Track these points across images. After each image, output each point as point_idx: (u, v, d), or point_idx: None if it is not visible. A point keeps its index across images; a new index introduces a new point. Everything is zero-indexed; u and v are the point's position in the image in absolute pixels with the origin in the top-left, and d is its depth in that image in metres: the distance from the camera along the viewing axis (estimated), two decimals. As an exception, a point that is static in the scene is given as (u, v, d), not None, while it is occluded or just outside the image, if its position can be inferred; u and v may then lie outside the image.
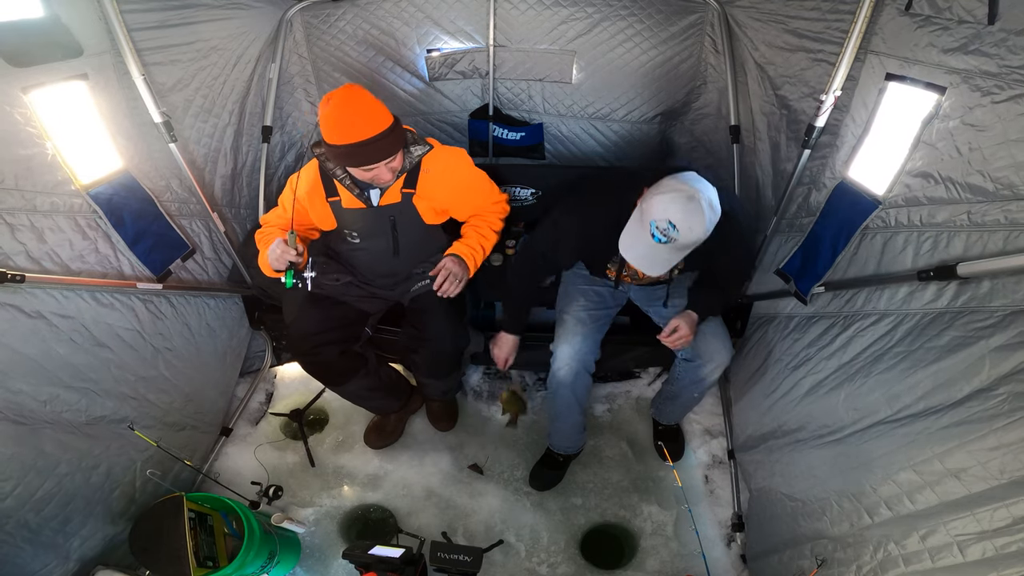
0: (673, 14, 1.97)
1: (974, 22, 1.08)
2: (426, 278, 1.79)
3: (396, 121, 1.46)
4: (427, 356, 1.81)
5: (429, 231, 1.75)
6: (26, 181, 1.34)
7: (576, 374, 1.71)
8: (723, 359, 1.70)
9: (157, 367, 1.75)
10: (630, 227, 1.36)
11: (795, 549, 1.47)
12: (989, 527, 0.95)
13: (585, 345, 1.70)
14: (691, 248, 1.31)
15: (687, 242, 1.26)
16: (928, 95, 1.21)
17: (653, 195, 1.28)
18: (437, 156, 1.63)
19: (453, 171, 1.66)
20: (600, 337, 1.77)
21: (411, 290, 1.80)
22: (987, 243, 1.11)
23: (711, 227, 1.27)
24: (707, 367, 1.71)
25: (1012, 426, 0.96)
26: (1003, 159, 1.06)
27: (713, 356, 1.69)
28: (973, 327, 1.10)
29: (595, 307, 1.78)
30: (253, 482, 1.92)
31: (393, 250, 1.72)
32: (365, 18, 2.05)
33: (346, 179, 1.58)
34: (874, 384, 1.31)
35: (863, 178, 1.44)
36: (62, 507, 1.42)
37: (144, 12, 1.53)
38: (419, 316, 1.76)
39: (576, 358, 1.70)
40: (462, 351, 1.84)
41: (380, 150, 1.42)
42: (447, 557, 1.25)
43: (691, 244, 1.28)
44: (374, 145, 1.40)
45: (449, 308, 1.73)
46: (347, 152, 1.41)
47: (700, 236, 1.26)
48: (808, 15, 1.58)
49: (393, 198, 1.62)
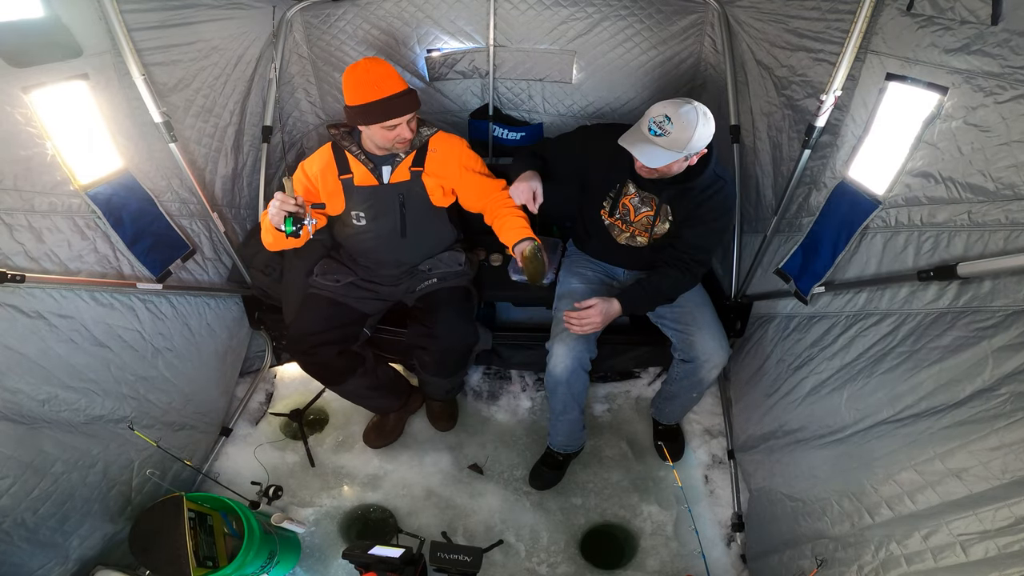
0: (673, 14, 1.97)
1: (977, 22, 1.07)
2: (434, 277, 1.81)
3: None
4: (437, 353, 1.81)
5: (436, 215, 1.80)
6: (25, 181, 1.34)
7: (572, 372, 1.72)
8: (720, 359, 1.70)
9: (157, 367, 1.75)
10: (631, 130, 1.48)
11: (795, 549, 1.47)
12: (992, 527, 0.95)
13: (579, 343, 1.71)
14: (683, 149, 1.39)
15: (680, 138, 1.37)
16: (930, 95, 1.21)
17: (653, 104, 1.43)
18: (442, 137, 1.76)
19: (459, 149, 1.76)
20: (596, 335, 1.77)
21: (418, 288, 1.82)
22: (987, 243, 1.11)
23: (703, 135, 1.39)
24: (704, 368, 1.71)
25: (1014, 426, 0.96)
26: (1005, 159, 1.06)
27: (710, 356, 1.70)
28: (975, 327, 1.10)
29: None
30: (253, 482, 1.92)
31: (401, 231, 1.74)
32: (365, 18, 2.06)
33: (361, 154, 1.67)
34: (876, 384, 1.31)
35: (863, 178, 1.44)
36: (59, 506, 1.42)
37: (144, 12, 1.53)
38: (428, 314, 1.78)
39: (570, 355, 1.70)
40: (471, 348, 1.85)
41: (406, 104, 1.54)
42: (447, 557, 1.24)
43: (684, 143, 1.38)
44: (401, 99, 1.53)
45: (459, 305, 1.78)
46: (375, 107, 1.51)
47: (691, 136, 1.37)
48: (808, 15, 1.58)
49: (402, 176, 1.70)
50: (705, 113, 1.40)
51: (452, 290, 1.82)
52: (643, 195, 1.68)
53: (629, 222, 1.73)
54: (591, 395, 2.28)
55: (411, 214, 1.73)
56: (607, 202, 1.74)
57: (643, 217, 1.71)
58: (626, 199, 1.71)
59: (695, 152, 1.46)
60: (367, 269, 1.87)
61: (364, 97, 1.50)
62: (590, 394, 2.28)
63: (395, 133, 1.58)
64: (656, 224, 1.69)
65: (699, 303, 1.79)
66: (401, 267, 1.86)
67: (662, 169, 1.48)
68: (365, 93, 1.50)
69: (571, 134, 1.81)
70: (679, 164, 1.50)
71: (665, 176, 1.55)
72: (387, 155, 1.69)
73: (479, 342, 1.89)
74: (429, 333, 1.76)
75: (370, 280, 1.86)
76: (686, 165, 1.53)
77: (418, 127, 1.69)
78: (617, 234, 1.77)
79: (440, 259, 1.86)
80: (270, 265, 2.04)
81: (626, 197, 1.70)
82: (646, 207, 1.69)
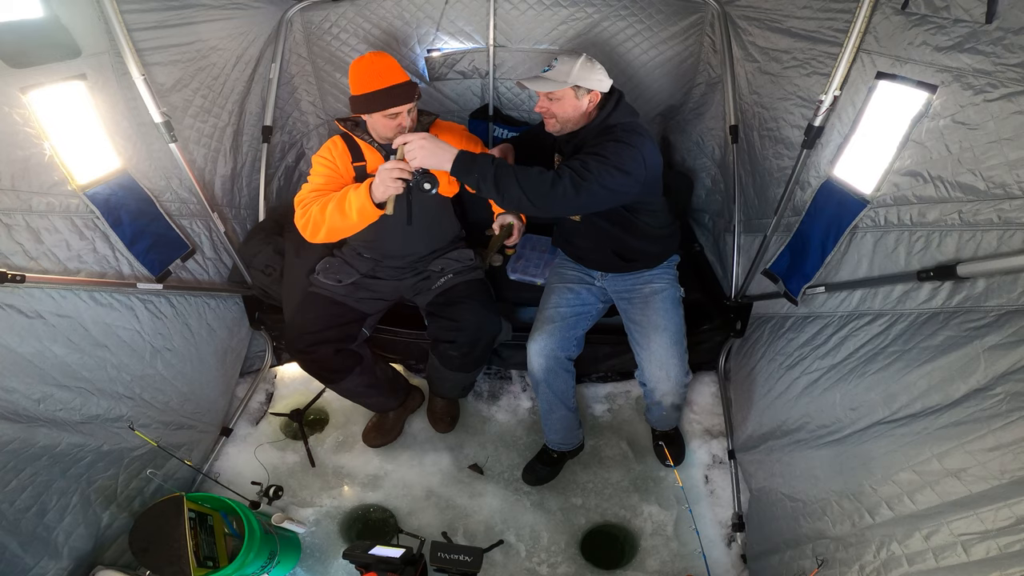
0: (673, 14, 1.98)
1: (971, 21, 1.08)
2: (449, 273, 1.84)
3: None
4: (464, 346, 1.81)
5: (441, 204, 1.84)
6: (23, 181, 1.34)
7: (548, 369, 1.72)
8: (667, 388, 1.69)
9: (155, 367, 1.75)
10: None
11: (796, 549, 1.47)
12: (992, 527, 0.95)
13: (554, 340, 1.71)
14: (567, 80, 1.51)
15: (562, 70, 1.52)
16: (918, 94, 1.22)
17: None
18: (441, 124, 1.86)
19: (459, 133, 1.86)
20: (576, 333, 1.78)
21: (434, 287, 1.85)
22: (980, 242, 1.12)
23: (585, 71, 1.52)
24: (655, 394, 1.73)
25: (1011, 426, 0.96)
26: (995, 157, 1.06)
27: (657, 385, 1.70)
28: (968, 327, 1.11)
29: (569, 304, 1.80)
30: (253, 482, 1.92)
31: (407, 218, 1.74)
32: (365, 18, 2.06)
33: (373, 142, 1.73)
34: (870, 384, 1.32)
35: (850, 177, 1.44)
36: (35, 497, 1.38)
37: (144, 12, 1.53)
38: (451, 308, 1.80)
39: (544, 353, 1.71)
40: (495, 338, 1.86)
41: (406, 93, 1.61)
42: (447, 557, 1.24)
43: (566, 74, 1.51)
44: (402, 88, 1.60)
45: (481, 296, 1.82)
46: (378, 96, 1.57)
47: (572, 69, 1.51)
48: (802, 14, 1.58)
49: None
50: (591, 59, 1.55)
51: (470, 283, 1.85)
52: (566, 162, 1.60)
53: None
54: (591, 395, 2.28)
55: (417, 201, 1.73)
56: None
57: None
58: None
59: (584, 87, 1.53)
60: (372, 263, 1.87)
61: (367, 86, 1.57)
62: (590, 394, 2.28)
63: (396, 122, 1.63)
64: None
65: (661, 327, 1.70)
66: (406, 258, 1.87)
67: (556, 109, 1.56)
68: (368, 82, 1.57)
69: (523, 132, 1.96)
70: (570, 103, 1.54)
71: (567, 127, 1.60)
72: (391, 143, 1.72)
73: (503, 333, 1.89)
74: (456, 326, 1.78)
75: (374, 277, 1.86)
76: (583, 111, 1.56)
77: (419, 117, 1.75)
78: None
79: (450, 258, 1.89)
80: (270, 265, 2.04)
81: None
82: None
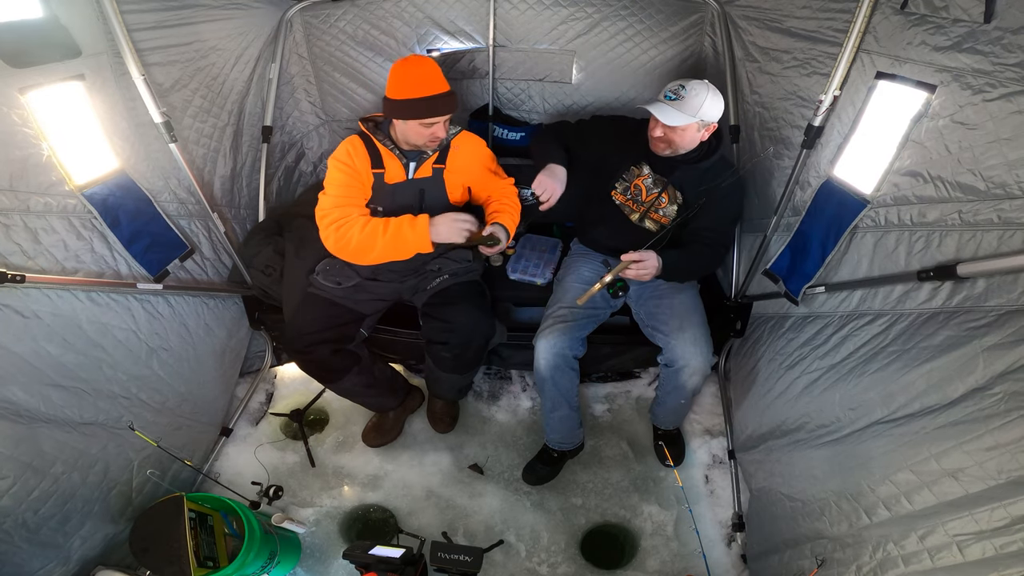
0: (673, 14, 1.97)
1: (969, 20, 1.08)
2: (445, 274, 1.84)
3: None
4: (456, 348, 1.81)
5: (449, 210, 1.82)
6: (20, 182, 1.34)
7: (555, 368, 1.73)
8: (698, 365, 1.69)
9: (151, 366, 1.74)
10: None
11: (795, 549, 1.47)
12: (988, 527, 0.95)
13: (562, 340, 1.72)
14: (696, 114, 1.53)
15: (692, 103, 1.53)
16: (918, 93, 1.22)
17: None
18: (464, 136, 1.83)
19: (481, 149, 1.84)
20: (583, 334, 1.79)
21: (429, 287, 1.85)
22: (981, 242, 1.12)
23: (713, 104, 1.55)
24: (684, 373, 1.72)
25: (1009, 426, 0.97)
26: (994, 157, 1.06)
27: (689, 361, 1.69)
28: (967, 327, 1.11)
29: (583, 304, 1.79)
30: (253, 482, 1.92)
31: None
32: (365, 18, 2.05)
33: (395, 148, 1.71)
34: (868, 384, 1.32)
35: (850, 177, 1.44)
36: (60, 506, 1.42)
37: (143, 12, 1.53)
38: (445, 309, 1.80)
39: (552, 351, 1.72)
40: (488, 341, 1.86)
41: (447, 104, 1.60)
42: (447, 557, 1.25)
43: (696, 108, 1.53)
44: (445, 98, 1.58)
45: (475, 299, 1.82)
46: (419, 104, 1.55)
47: (703, 102, 1.53)
48: (802, 14, 1.58)
49: (425, 172, 1.74)
50: (715, 88, 1.56)
51: (465, 285, 1.86)
52: (655, 177, 1.75)
53: (640, 202, 1.78)
54: (591, 395, 2.29)
55: (428, 209, 1.75)
56: (619, 183, 1.81)
57: (653, 198, 1.76)
58: (639, 180, 1.77)
59: (706, 121, 1.57)
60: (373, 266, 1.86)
61: (409, 92, 1.54)
62: (590, 394, 2.29)
63: (431, 131, 1.61)
64: (664, 206, 1.74)
65: (688, 307, 1.78)
66: (410, 263, 1.86)
67: (675, 138, 1.59)
68: (411, 88, 1.54)
69: (588, 119, 1.91)
70: (691, 134, 1.58)
71: (677, 152, 1.64)
72: (414, 151, 1.71)
73: (496, 335, 1.89)
74: (448, 327, 1.78)
75: (374, 279, 1.86)
76: (698, 141, 1.61)
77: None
78: (628, 213, 1.83)
79: (448, 257, 1.88)
80: (270, 265, 2.03)
81: (639, 178, 1.77)
82: (657, 188, 1.75)
